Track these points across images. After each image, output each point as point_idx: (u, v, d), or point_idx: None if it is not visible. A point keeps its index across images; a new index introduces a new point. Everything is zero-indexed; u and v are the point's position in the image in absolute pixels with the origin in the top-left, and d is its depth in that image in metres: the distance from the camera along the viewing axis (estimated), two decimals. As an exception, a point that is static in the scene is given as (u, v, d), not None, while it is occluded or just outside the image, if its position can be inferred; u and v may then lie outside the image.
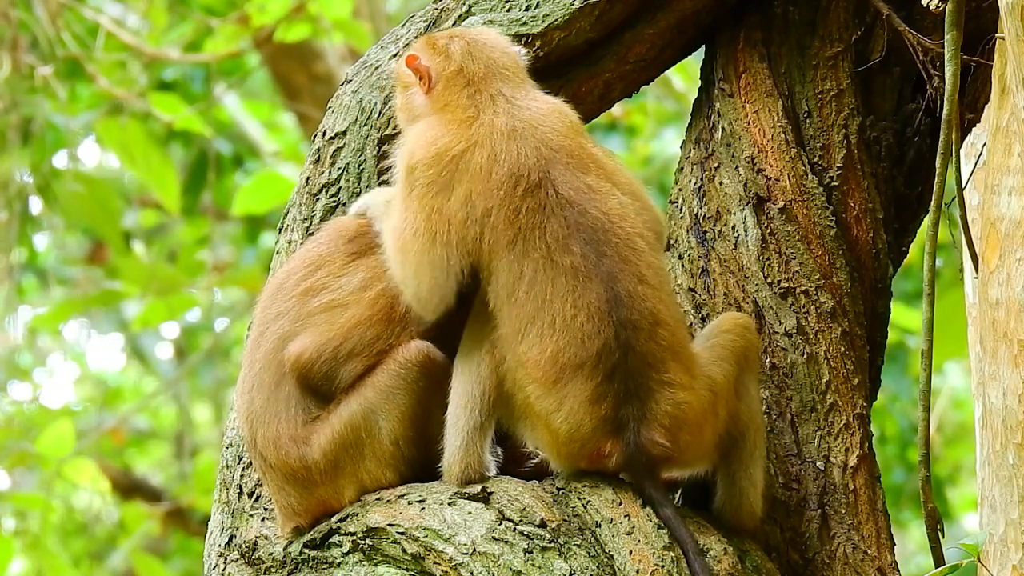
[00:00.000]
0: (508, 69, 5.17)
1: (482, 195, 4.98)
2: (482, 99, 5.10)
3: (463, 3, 5.59)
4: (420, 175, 5.02)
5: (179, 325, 14.31)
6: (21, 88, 10.63)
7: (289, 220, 5.61)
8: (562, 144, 5.05)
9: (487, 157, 5.01)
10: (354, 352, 5.12)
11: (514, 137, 5.03)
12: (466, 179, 5.00)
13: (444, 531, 4.98)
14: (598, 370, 4.92)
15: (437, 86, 5.15)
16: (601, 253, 4.96)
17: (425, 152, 5.04)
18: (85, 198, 11.06)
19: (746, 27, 5.59)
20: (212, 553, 5.40)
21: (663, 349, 4.95)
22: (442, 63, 5.17)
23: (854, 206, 5.48)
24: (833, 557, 5.27)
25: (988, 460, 5.14)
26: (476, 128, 5.05)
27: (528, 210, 4.97)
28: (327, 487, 5.15)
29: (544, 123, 5.07)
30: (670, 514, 4.92)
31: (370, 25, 12.02)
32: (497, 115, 5.06)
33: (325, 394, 5.14)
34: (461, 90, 5.12)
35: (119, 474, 14.28)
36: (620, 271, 4.96)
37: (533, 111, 5.09)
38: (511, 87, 5.14)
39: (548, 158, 5.02)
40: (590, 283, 4.93)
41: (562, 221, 4.97)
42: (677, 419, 4.94)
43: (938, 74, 5.38)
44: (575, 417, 4.94)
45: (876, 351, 5.52)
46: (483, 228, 4.97)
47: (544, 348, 4.93)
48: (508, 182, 4.98)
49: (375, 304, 5.15)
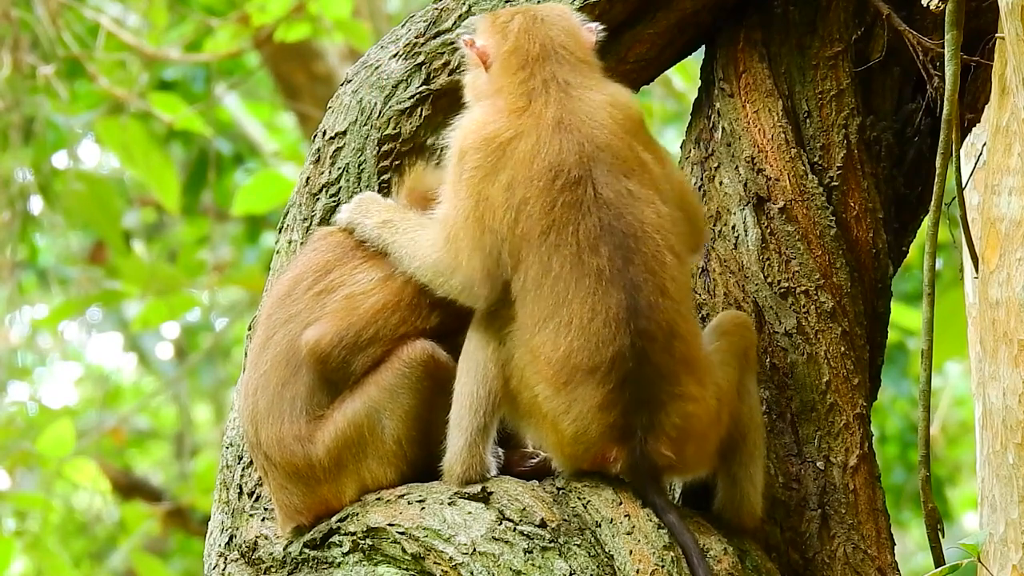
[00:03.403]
0: (566, 49, 5.13)
1: (522, 183, 4.97)
2: (534, 85, 5.08)
3: (463, 3, 5.59)
4: (469, 160, 5.03)
5: (179, 325, 14.32)
6: (22, 87, 10.63)
7: (289, 220, 5.61)
8: (609, 143, 5.02)
9: (531, 147, 5.00)
10: (376, 338, 5.13)
11: (559, 130, 5.01)
12: (510, 166, 4.99)
13: (444, 531, 4.98)
14: (610, 377, 4.91)
15: (493, 66, 5.15)
16: (628, 260, 4.94)
17: (475, 137, 5.05)
18: (85, 198, 11.06)
19: (746, 27, 5.59)
20: (212, 553, 5.40)
21: (676, 362, 4.94)
22: (498, 42, 5.16)
23: (854, 206, 5.48)
24: (833, 557, 5.27)
25: (988, 460, 5.14)
26: (524, 118, 5.04)
27: (564, 204, 4.96)
28: (330, 485, 5.15)
29: (594, 117, 5.04)
30: (674, 520, 4.92)
31: (370, 25, 12.02)
32: (547, 105, 5.04)
33: (337, 382, 5.15)
34: (514, 73, 5.10)
35: (119, 474, 14.28)
36: (644, 281, 4.94)
37: (585, 102, 5.06)
38: (567, 70, 5.10)
39: (591, 156, 5.00)
40: (612, 288, 4.92)
41: (596, 221, 4.95)
42: (684, 431, 4.94)
43: (938, 74, 5.38)
44: (583, 421, 4.93)
45: (876, 351, 5.51)
46: (518, 215, 4.96)
47: (558, 346, 4.92)
48: (547, 175, 4.97)
49: (403, 290, 5.17)
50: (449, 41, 5.56)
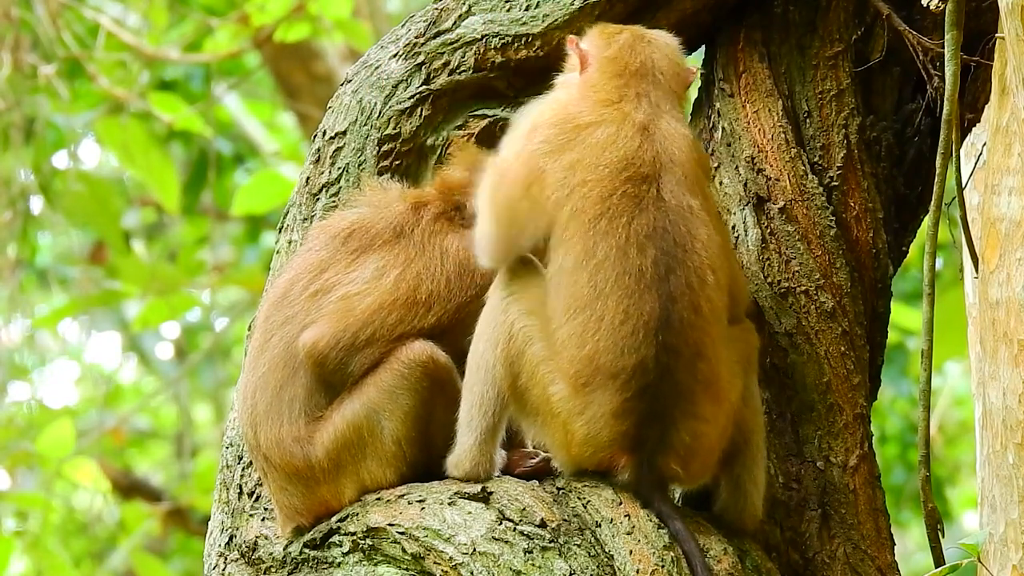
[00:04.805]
0: (664, 75, 5.15)
1: (587, 166, 4.97)
2: (627, 92, 5.10)
3: (463, 3, 5.59)
4: (540, 133, 5.04)
5: (179, 325, 14.31)
6: (23, 87, 10.64)
7: (289, 220, 5.62)
8: (684, 162, 5.03)
9: (608, 136, 5.00)
10: (373, 338, 5.13)
11: (642, 132, 5.02)
12: (580, 148, 5.00)
13: (444, 531, 4.98)
14: (630, 385, 4.89)
15: (590, 68, 5.16)
16: (671, 269, 4.93)
17: (553, 115, 5.06)
18: (85, 198, 11.06)
19: (746, 27, 5.59)
20: (212, 553, 5.40)
21: (697, 382, 4.92)
22: (601, 48, 5.17)
23: (854, 206, 5.48)
24: (833, 557, 5.27)
25: (988, 460, 5.14)
26: (611, 110, 5.05)
27: (624, 194, 4.95)
28: (329, 486, 5.15)
29: (676, 139, 5.05)
30: (679, 528, 4.91)
31: (370, 25, 12.02)
32: (637, 110, 5.06)
33: (335, 384, 5.15)
34: (610, 79, 5.12)
35: (119, 474, 14.27)
36: (681, 295, 4.92)
37: (671, 124, 5.07)
38: (659, 95, 5.12)
39: (665, 163, 5.00)
40: (648, 295, 4.90)
41: (651, 219, 4.94)
42: (693, 450, 4.94)
43: (938, 74, 5.38)
44: (595, 425, 4.92)
45: (876, 351, 5.51)
46: (572, 193, 4.95)
47: (584, 343, 4.90)
48: (617, 164, 4.97)
49: (397, 289, 5.17)
50: (449, 41, 5.57)
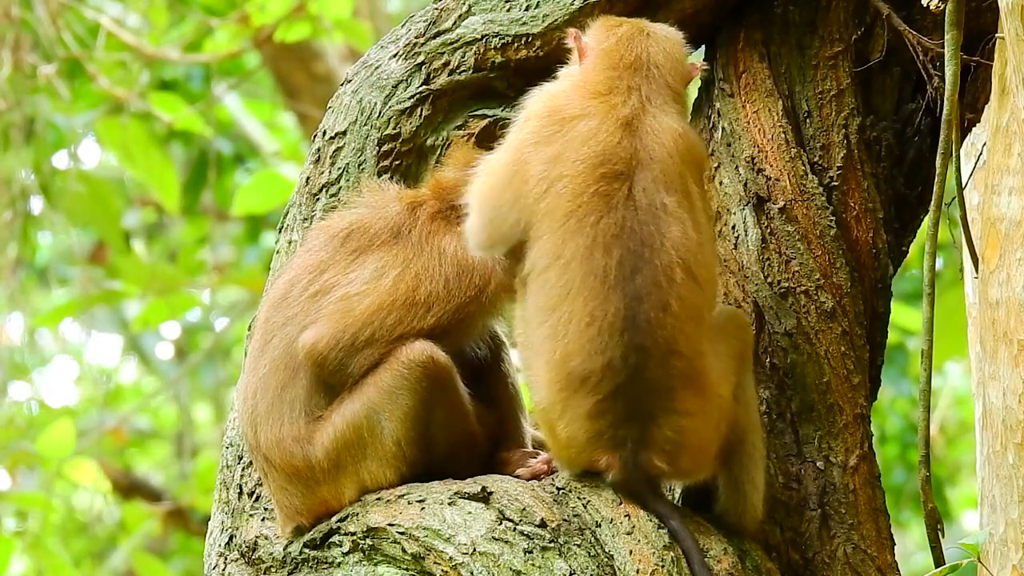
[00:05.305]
0: (660, 70, 5.15)
1: (566, 161, 4.99)
2: (619, 85, 5.10)
3: (463, 3, 5.60)
4: (530, 123, 5.08)
5: (179, 325, 14.32)
6: (23, 87, 10.64)
7: (289, 220, 5.62)
8: (663, 158, 5.02)
9: (589, 130, 5.01)
10: (372, 339, 5.13)
11: (624, 127, 5.03)
12: (562, 141, 5.01)
13: (444, 531, 4.98)
14: (601, 387, 4.90)
15: (587, 59, 5.18)
16: (637, 269, 4.92)
17: (543, 106, 5.10)
18: (85, 197, 11.06)
19: (746, 27, 5.59)
20: (212, 553, 5.40)
21: (673, 378, 4.91)
22: (599, 40, 5.19)
23: (854, 206, 5.48)
24: (833, 557, 5.27)
25: (988, 460, 5.14)
26: (597, 103, 5.06)
27: (596, 193, 4.95)
28: (329, 486, 5.15)
29: (660, 136, 5.04)
30: (677, 526, 4.92)
31: (370, 25, 12.02)
32: (624, 104, 5.06)
33: (335, 384, 5.15)
34: (604, 70, 5.13)
35: (119, 474, 14.28)
36: (648, 294, 4.91)
37: (658, 121, 5.07)
38: (652, 89, 5.12)
39: (643, 160, 5.00)
40: (613, 295, 4.90)
41: (619, 219, 4.94)
42: (679, 444, 4.93)
43: (938, 74, 5.38)
44: (573, 427, 4.94)
45: (876, 351, 5.51)
46: (549, 189, 4.98)
47: (555, 349, 4.92)
48: (593, 160, 4.98)
49: (396, 289, 5.17)
50: (449, 41, 5.57)
